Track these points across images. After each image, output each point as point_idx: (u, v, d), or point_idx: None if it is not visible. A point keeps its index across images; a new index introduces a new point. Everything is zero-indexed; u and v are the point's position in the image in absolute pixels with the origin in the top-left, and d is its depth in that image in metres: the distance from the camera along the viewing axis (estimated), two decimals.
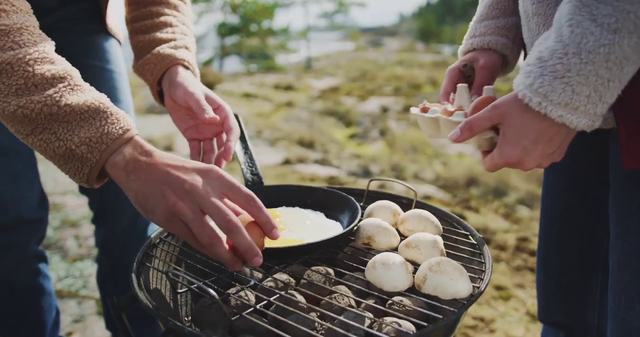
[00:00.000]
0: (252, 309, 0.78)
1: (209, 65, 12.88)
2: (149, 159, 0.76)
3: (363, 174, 4.46)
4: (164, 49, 1.07)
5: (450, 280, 0.77)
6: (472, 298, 0.77)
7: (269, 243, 0.89)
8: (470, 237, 0.98)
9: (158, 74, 1.06)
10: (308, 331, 0.77)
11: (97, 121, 0.75)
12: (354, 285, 0.90)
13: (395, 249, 0.93)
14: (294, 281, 1.03)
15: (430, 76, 10.00)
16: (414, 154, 5.40)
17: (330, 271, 1.03)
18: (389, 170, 4.66)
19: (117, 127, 0.76)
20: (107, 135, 0.75)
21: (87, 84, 0.79)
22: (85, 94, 0.76)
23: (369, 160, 4.92)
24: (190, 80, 1.04)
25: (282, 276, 1.00)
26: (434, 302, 0.79)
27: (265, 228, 0.79)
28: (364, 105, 7.81)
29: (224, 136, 1.02)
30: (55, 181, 3.64)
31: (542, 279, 1.17)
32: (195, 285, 0.81)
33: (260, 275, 1.05)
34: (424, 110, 0.91)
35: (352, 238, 0.97)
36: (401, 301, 0.92)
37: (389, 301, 0.96)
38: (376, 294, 0.86)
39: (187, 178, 0.74)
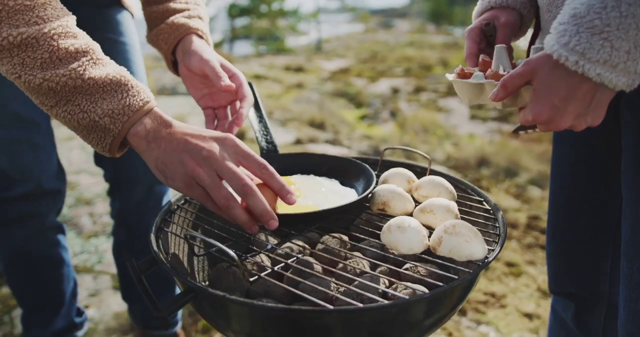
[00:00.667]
0: (270, 270, 0.80)
1: (219, 47, 12.85)
2: (169, 129, 0.80)
3: (374, 154, 4.45)
4: (177, 18, 1.08)
5: (465, 242, 0.78)
6: (488, 260, 0.78)
7: (285, 209, 0.90)
8: (484, 203, 0.98)
9: (172, 43, 1.07)
10: (326, 291, 0.78)
11: (119, 94, 0.78)
12: (371, 249, 0.91)
13: (410, 215, 0.94)
14: (309, 247, 1.05)
15: (441, 57, 9.91)
16: (425, 134, 5.38)
17: (345, 237, 1.05)
18: (400, 150, 4.65)
19: (138, 99, 0.79)
20: (128, 107, 0.78)
21: (108, 58, 0.82)
22: (107, 68, 0.79)
23: (380, 141, 4.91)
24: (204, 48, 1.05)
25: (298, 242, 1.01)
26: (450, 264, 0.80)
27: (280, 194, 0.81)
28: (375, 87, 7.76)
29: (238, 104, 1.03)
30: (69, 160, 3.68)
31: (552, 250, 1.18)
32: (214, 248, 0.83)
33: (275, 241, 1.07)
34: (464, 75, 0.88)
35: (367, 204, 0.98)
36: (415, 266, 0.94)
37: (405, 266, 0.97)
38: (392, 257, 0.87)
39: (204, 145, 0.78)
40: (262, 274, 0.78)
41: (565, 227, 1.13)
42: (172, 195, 1.56)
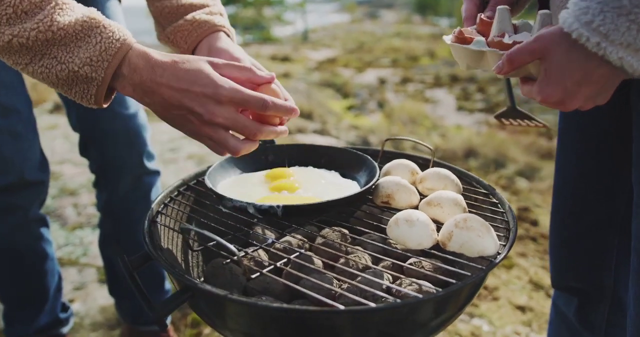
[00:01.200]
0: (272, 266, 0.75)
1: None
2: (154, 82, 0.76)
3: (363, 144, 4.42)
4: (199, 15, 1.01)
5: (477, 237, 0.74)
6: (500, 255, 0.74)
7: (287, 201, 0.86)
8: (490, 196, 0.95)
9: (194, 42, 1.01)
10: (329, 287, 0.74)
11: (93, 38, 0.74)
12: (373, 242, 0.87)
13: (414, 208, 0.90)
14: (308, 241, 1.01)
15: (428, 48, 9.88)
16: (412, 125, 5.35)
17: (345, 230, 1.01)
18: (393, 141, 4.62)
19: (114, 40, 0.75)
20: (105, 51, 0.74)
21: (74, 1, 0.77)
22: (75, 12, 0.74)
23: (368, 131, 4.88)
24: (234, 46, 0.99)
25: (297, 236, 0.97)
26: (456, 259, 0.76)
27: (289, 115, 0.83)
28: (362, 77, 7.71)
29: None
30: (52, 150, 3.59)
31: (556, 244, 1.15)
32: (212, 242, 0.78)
33: (273, 235, 1.03)
34: (463, 39, 0.82)
35: (370, 197, 0.94)
36: (419, 261, 0.90)
37: (409, 260, 0.94)
38: (395, 250, 0.83)
39: (201, 110, 0.76)
40: (264, 271, 0.74)
41: (569, 220, 1.10)
42: (161, 186, 1.51)
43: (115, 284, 1.61)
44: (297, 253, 0.82)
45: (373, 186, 0.91)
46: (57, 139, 3.87)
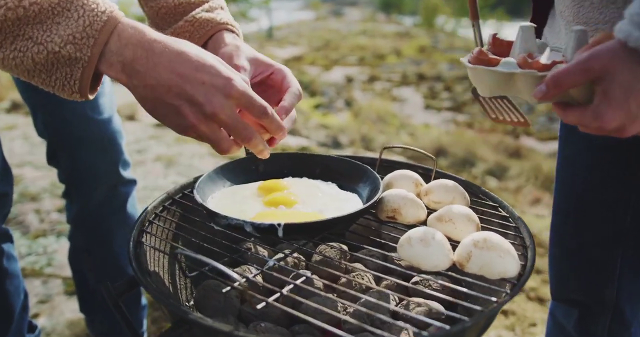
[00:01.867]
0: (278, 295, 0.68)
1: None
2: (151, 61, 0.66)
3: (333, 144, 4.37)
4: (199, 14, 0.92)
5: (499, 257, 0.69)
6: (523, 277, 0.69)
7: (287, 218, 0.79)
8: (500, 209, 0.90)
9: (198, 44, 0.89)
10: (332, 313, 0.68)
11: (74, 12, 0.63)
12: (373, 259, 0.81)
13: (422, 223, 0.85)
14: (304, 260, 0.94)
15: (394, 46, 9.88)
16: (381, 124, 5.33)
17: (345, 247, 0.95)
18: (358, 140, 4.58)
19: (99, 13, 0.64)
20: (90, 26, 0.63)
21: None
22: None
23: (338, 131, 4.83)
24: (242, 46, 0.90)
25: (290, 253, 0.91)
26: (481, 283, 0.71)
27: (276, 134, 0.77)
28: (328, 75, 7.65)
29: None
30: (10, 151, 3.41)
31: (557, 255, 1.11)
32: (207, 267, 0.71)
33: (266, 252, 0.95)
34: (487, 60, 0.74)
35: (372, 211, 0.88)
36: (427, 279, 0.85)
37: (413, 279, 0.88)
38: (401, 269, 0.77)
39: (204, 101, 0.67)
40: (270, 300, 0.66)
41: (572, 232, 1.06)
42: (137, 196, 1.42)
43: (87, 300, 1.50)
44: (304, 278, 0.75)
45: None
46: (16, 140, 3.68)
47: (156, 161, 3.33)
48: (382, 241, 0.85)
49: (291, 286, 0.71)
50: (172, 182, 3.05)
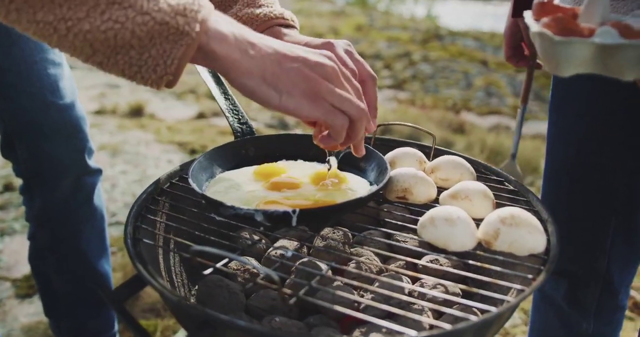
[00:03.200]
0: (307, 287, 0.63)
1: None
2: (255, 34, 0.63)
3: (281, 126, 4.30)
4: (242, 11, 0.84)
5: (528, 233, 0.67)
6: (553, 253, 0.67)
7: (298, 204, 0.74)
8: (506, 183, 0.88)
9: None
10: (351, 297, 0.65)
11: None
12: (378, 238, 0.77)
13: (433, 202, 0.81)
14: (307, 245, 0.89)
15: (331, 25, 9.82)
16: None
17: (346, 229, 0.90)
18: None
19: None
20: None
21: None
22: None
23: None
24: (302, 39, 0.83)
25: (291, 241, 0.86)
26: (512, 260, 0.68)
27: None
28: None
29: None
30: None
31: None
32: (222, 262, 0.65)
33: (262, 239, 0.90)
34: (577, 30, 0.59)
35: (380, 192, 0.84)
36: (437, 259, 0.82)
37: (424, 258, 0.85)
38: (408, 248, 0.74)
39: (320, 60, 0.64)
40: (300, 293, 0.61)
41: (563, 201, 1.07)
42: (103, 189, 1.31)
43: (52, 303, 1.39)
44: (327, 268, 0.71)
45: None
46: None
47: (100, 150, 3.15)
48: (381, 219, 0.83)
49: (317, 277, 0.66)
50: (120, 171, 2.90)
